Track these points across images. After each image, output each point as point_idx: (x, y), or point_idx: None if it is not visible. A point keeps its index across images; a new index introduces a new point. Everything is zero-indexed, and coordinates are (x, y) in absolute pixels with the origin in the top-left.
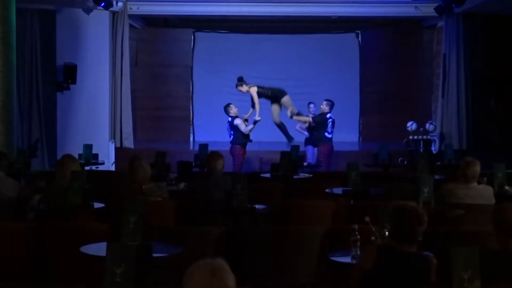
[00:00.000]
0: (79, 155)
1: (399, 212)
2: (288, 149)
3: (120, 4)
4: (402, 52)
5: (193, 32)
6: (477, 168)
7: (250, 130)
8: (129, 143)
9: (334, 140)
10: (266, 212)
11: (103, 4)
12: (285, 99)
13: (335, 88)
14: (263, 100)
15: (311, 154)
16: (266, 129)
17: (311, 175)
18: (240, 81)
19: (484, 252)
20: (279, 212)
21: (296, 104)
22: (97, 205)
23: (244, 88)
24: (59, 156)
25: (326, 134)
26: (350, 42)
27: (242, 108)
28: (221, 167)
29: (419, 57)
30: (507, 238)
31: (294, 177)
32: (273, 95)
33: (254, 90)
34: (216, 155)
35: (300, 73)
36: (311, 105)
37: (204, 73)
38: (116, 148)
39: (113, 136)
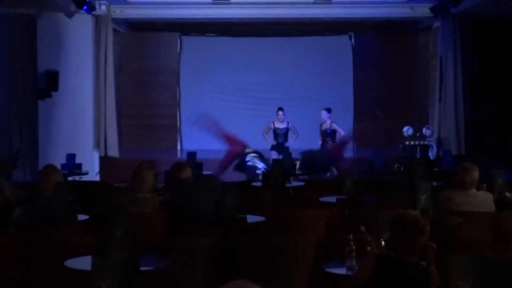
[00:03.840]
0: (62, 165)
1: (399, 220)
2: (280, 157)
3: (103, 7)
4: (397, 55)
5: (180, 36)
6: (476, 173)
7: None
8: (114, 152)
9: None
10: (258, 223)
11: (85, 7)
12: None
13: (327, 93)
14: (253, 104)
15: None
16: (257, 136)
17: (303, 183)
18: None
19: (483, 261)
20: (271, 222)
21: (287, 111)
22: (82, 217)
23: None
24: (41, 166)
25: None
26: (343, 44)
27: (232, 114)
28: (188, 178)
29: (415, 60)
30: (505, 246)
31: (286, 185)
32: None
33: None
34: (180, 166)
35: (291, 78)
36: (324, 112)
37: (192, 79)
38: (100, 158)
39: (97, 145)
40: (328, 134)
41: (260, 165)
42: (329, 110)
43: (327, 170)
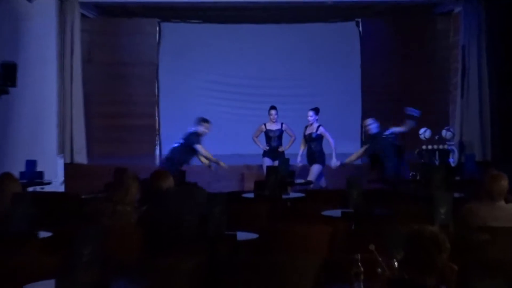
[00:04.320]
0: (21, 173)
1: (415, 237)
2: (274, 163)
3: None
4: (412, 44)
5: (159, 23)
6: (505, 183)
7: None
8: (81, 158)
9: (329, 151)
10: (250, 240)
11: None
12: None
13: (330, 89)
14: (243, 102)
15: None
16: (247, 139)
17: (303, 195)
18: None
19: None
20: (266, 239)
21: (282, 109)
22: (44, 234)
23: None
24: None
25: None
26: (349, 32)
27: (219, 113)
28: (170, 188)
29: (433, 50)
30: None
31: (283, 197)
32: None
33: None
34: (161, 174)
35: (289, 71)
36: (311, 113)
37: (173, 73)
38: (65, 165)
39: (62, 150)
40: (312, 140)
41: None
42: (317, 111)
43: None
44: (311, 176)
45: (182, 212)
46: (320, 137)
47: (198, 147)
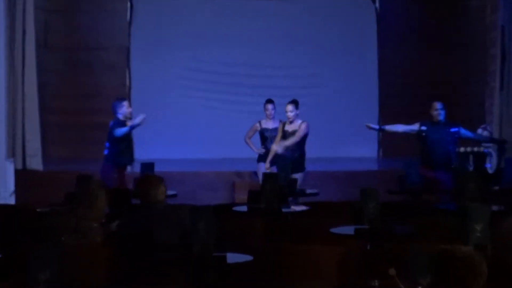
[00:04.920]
0: None
1: (445, 260)
2: (273, 170)
3: None
4: (440, 24)
5: (130, 0)
6: None
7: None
8: (36, 163)
9: (339, 155)
10: (242, 264)
11: None
12: None
13: (340, 78)
14: (232, 94)
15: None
16: (237, 140)
17: (308, 208)
18: None
19: None
20: (262, 262)
21: (281, 103)
22: None
23: None
24: None
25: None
26: (364, 9)
27: (203, 108)
28: (164, 196)
29: (465, 31)
30: None
31: (283, 210)
32: None
33: None
34: (153, 180)
35: (289, 57)
36: (290, 107)
37: (147, 59)
38: (16, 171)
39: (12, 154)
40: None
41: None
42: (296, 104)
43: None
44: None
45: (159, 229)
46: (304, 137)
47: (119, 130)
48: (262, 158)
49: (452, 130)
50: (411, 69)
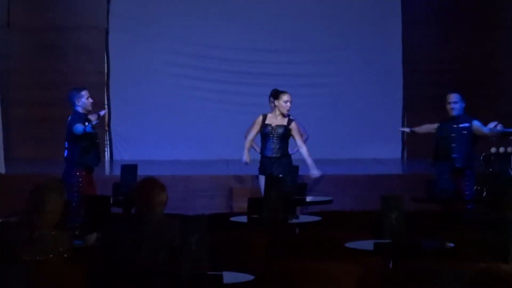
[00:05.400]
0: None
1: (482, 280)
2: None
3: None
4: (472, 8)
5: None
6: None
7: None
8: None
9: (356, 156)
10: (242, 284)
11: None
12: None
13: (359, 67)
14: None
15: None
16: (237, 139)
17: (319, 218)
18: None
19: None
20: (264, 282)
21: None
22: None
23: None
24: None
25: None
26: None
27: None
28: (164, 205)
29: (501, 15)
30: None
31: (290, 221)
32: None
33: None
34: (156, 185)
35: (298, 41)
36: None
37: (129, 42)
38: None
39: None
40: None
41: None
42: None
43: None
44: None
45: (144, 243)
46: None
47: (78, 126)
48: (264, 170)
49: (462, 125)
50: (441, 58)
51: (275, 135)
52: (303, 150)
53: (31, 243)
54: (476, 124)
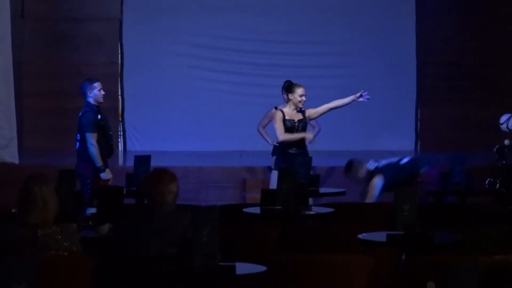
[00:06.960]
0: None
1: (497, 273)
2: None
3: None
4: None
5: None
6: None
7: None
8: (10, 155)
9: (369, 148)
10: (255, 275)
11: None
12: None
13: (373, 60)
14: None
15: None
16: (250, 131)
17: (332, 210)
18: None
19: None
20: (276, 273)
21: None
22: None
23: None
24: None
25: None
26: None
27: (209, 92)
28: (174, 195)
29: None
30: None
31: (303, 212)
32: None
33: None
34: (165, 175)
35: (313, 32)
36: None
37: (143, 33)
38: None
39: None
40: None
41: None
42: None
43: None
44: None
45: (155, 236)
46: None
47: (90, 136)
48: (276, 165)
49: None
50: (455, 50)
51: (299, 130)
52: (331, 104)
53: (35, 242)
54: None
